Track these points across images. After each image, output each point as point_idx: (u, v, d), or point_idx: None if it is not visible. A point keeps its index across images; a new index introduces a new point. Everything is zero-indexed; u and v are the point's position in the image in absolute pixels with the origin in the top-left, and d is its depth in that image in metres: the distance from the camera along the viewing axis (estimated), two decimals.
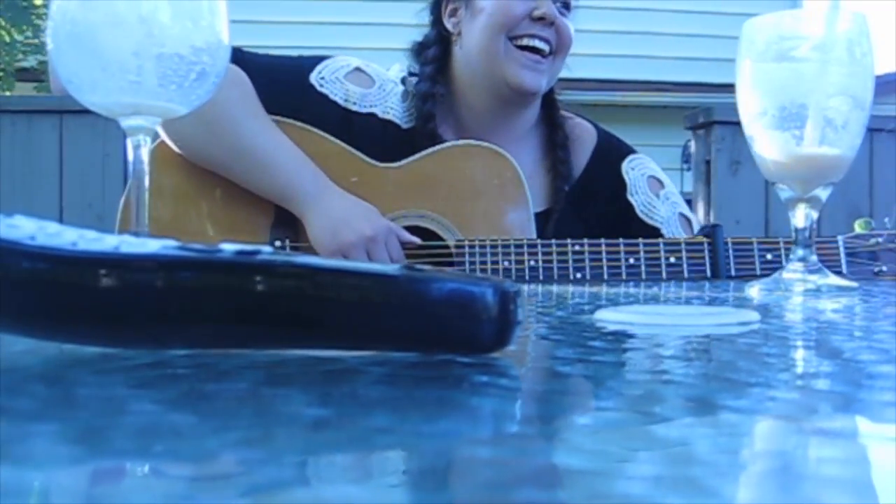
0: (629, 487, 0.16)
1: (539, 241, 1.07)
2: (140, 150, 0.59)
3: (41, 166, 2.31)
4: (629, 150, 1.26)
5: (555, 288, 0.79)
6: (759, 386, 0.26)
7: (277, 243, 1.11)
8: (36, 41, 4.87)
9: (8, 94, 4.70)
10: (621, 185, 1.22)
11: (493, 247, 1.06)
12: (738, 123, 0.74)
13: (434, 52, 1.20)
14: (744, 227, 2.34)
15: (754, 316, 0.44)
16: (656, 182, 1.24)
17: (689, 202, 2.40)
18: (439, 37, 1.20)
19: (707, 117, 2.39)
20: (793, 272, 0.70)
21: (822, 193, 0.72)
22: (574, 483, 0.17)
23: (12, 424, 0.21)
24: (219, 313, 0.28)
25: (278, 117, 1.11)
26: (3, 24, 4.91)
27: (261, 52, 1.20)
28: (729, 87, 0.78)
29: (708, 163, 2.39)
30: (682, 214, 1.23)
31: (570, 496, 0.16)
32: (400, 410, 0.23)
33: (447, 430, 0.21)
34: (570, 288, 0.80)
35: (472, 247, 1.06)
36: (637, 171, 1.23)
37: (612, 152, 1.25)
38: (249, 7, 4.67)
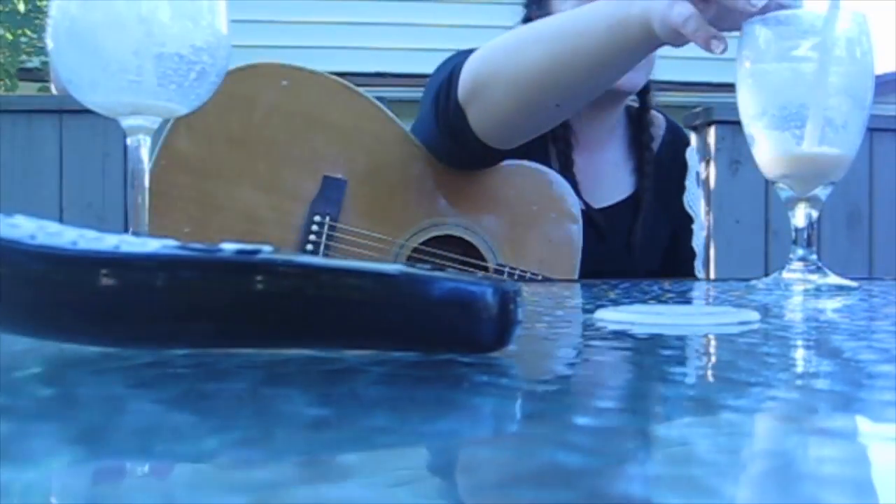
0: (629, 487, 0.16)
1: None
2: (139, 150, 0.59)
3: (41, 166, 2.31)
4: (688, 138, 1.31)
5: (555, 288, 0.79)
6: (759, 386, 0.26)
7: (317, 218, 1.09)
8: (41, 42, 4.85)
9: (11, 93, 4.68)
10: (685, 169, 1.25)
11: (531, 281, 1.04)
12: (738, 123, 0.74)
13: None
14: (744, 227, 2.34)
15: (754, 316, 0.44)
16: (696, 176, 1.28)
17: None
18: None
19: (707, 117, 2.38)
20: (793, 272, 0.70)
21: (822, 193, 0.72)
22: (574, 483, 0.17)
23: (12, 424, 0.21)
24: (219, 313, 0.28)
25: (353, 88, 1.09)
26: (5, 23, 4.89)
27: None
28: (729, 87, 0.78)
29: (708, 163, 2.39)
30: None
31: (570, 496, 0.16)
32: (400, 410, 0.23)
33: (447, 430, 0.21)
34: (571, 288, 0.80)
35: (511, 275, 1.05)
36: (692, 160, 1.27)
37: (678, 137, 1.29)
38: (249, 7, 4.67)
